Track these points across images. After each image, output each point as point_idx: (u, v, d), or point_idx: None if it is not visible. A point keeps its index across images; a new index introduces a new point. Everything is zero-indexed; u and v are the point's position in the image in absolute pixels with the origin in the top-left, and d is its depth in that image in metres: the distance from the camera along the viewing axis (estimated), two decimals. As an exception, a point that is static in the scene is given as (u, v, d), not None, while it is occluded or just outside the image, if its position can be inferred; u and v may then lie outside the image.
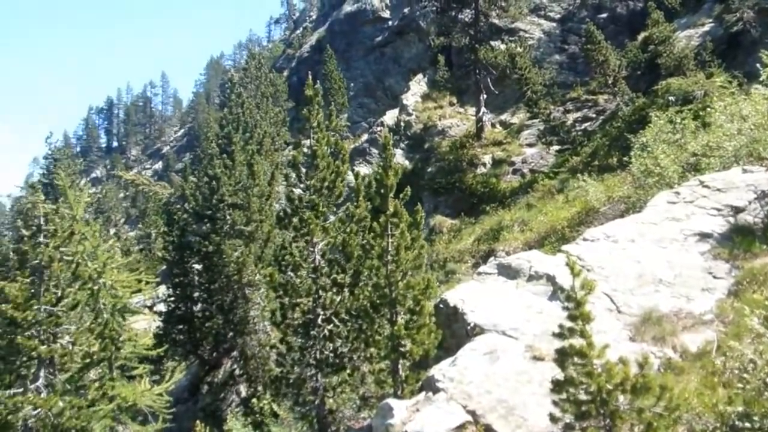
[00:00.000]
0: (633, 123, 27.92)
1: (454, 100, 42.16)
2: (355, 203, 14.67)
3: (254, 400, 23.78)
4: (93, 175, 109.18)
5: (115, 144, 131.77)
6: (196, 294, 27.29)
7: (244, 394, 25.11)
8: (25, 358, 12.75)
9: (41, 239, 13.04)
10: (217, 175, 26.30)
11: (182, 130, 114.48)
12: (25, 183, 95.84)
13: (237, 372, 25.64)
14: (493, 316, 12.06)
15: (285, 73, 64.24)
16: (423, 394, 10.58)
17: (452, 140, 37.97)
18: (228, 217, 26.09)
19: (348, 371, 14.46)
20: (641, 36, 36.01)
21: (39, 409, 12.15)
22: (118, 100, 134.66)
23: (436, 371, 10.78)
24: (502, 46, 38.12)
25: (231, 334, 25.71)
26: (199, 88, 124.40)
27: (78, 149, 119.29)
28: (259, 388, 24.61)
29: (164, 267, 34.19)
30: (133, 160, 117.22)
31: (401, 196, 13.69)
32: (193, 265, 27.70)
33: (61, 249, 13.39)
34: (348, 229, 14.46)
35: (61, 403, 12.32)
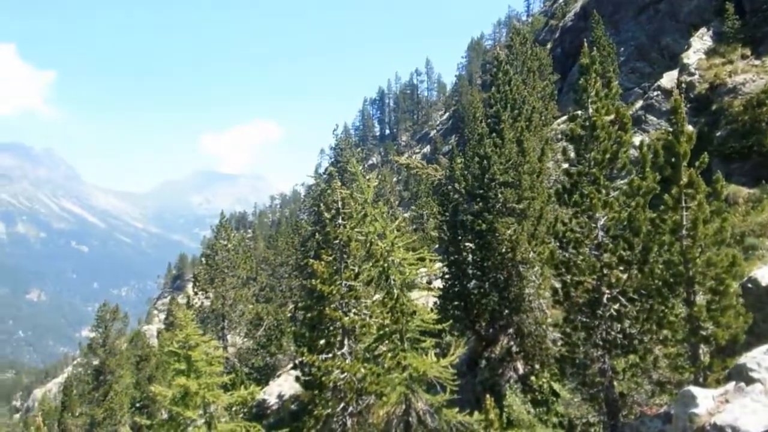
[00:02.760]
0: None
1: (748, 52, 36.71)
2: (641, 174, 13.58)
3: (532, 377, 23.77)
4: (370, 162, 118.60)
5: (387, 132, 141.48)
6: (471, 271, 27.97)
7: (521, 370, 25.19)
8: (331, 328, 14.31)
9: (340, 221, 14.46)
10: (487, 154, 26.57)
11: (447, 114, 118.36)
12: (315, 172, 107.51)
13: (514, 349, 25.80)
14: (822, 299, 10.36)
15: (548, 46, 62.51)
16: (732, 383, 9.51)
17: (747, 98, 33.20)
18: (499, 195, 26.25)
19: (639, 354, 13.55)
20: None
21: (345, 373, 13.55)
22: (388, 90, 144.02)
23: (749, 359, 9.63)
24: (812, -20, 32.16)
25: (506, 311, 25.93)
26: (461, 70, 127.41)
27: (356, 139, 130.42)
28: (537, 365, 24.52)
29: (437, 246, 35.74)
30: (403, 146, 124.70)
31: (696, 164, 12.35)
32: (466, 244, 28.40)
33: (356, 229, 14.70)
34: (634, 203, 13.46)
35: (362, 369, 13.58)
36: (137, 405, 43.59)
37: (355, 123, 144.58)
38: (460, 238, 28.47)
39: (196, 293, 40.57)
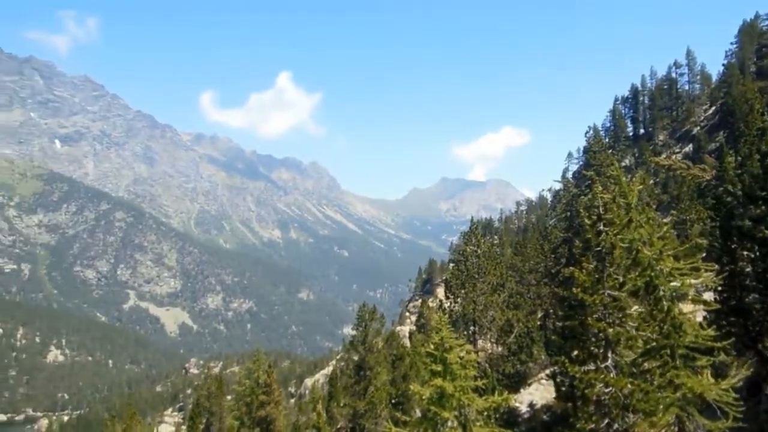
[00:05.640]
0: None
1: None
2: None
3: (836, 411, 20.21)
4: (623, 163, 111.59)
5: (641, 131, 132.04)
6: (750, 284, 24.75)
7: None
8: (593, 339, 13.63)
9: (601, 227, 13.75)
10: (770, 150, 23.35)
11: (713, 108, 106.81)
12: (563, 176, 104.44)
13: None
14: None
15: None
16: None
17: None
18: (787, 197, 22.86)
19: None
20: None
21: (610, 388, 12.81)
22: (642, 86, 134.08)
23: None
24: None
25: (799, 330, 22.43)
26: (729, 58, 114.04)
27: (607, 140, 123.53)
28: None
29: (704, 254, 32.24)
30: (660, 145, 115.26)
31: None
32: (744, 252, 25.23)
33: (620, 236, 13.85)
34: None
35: (629, 385, 12.72)
36: (393, 401, 46.19)
37: (605, 124, 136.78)
38: (734, 246, 25.37)
39: (447, 297, 41.76)
